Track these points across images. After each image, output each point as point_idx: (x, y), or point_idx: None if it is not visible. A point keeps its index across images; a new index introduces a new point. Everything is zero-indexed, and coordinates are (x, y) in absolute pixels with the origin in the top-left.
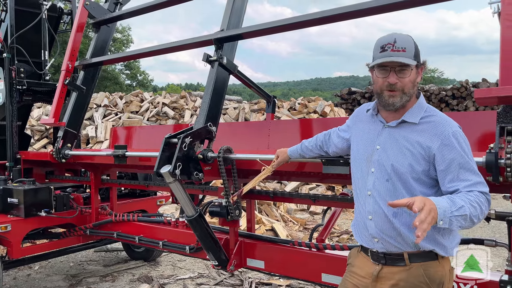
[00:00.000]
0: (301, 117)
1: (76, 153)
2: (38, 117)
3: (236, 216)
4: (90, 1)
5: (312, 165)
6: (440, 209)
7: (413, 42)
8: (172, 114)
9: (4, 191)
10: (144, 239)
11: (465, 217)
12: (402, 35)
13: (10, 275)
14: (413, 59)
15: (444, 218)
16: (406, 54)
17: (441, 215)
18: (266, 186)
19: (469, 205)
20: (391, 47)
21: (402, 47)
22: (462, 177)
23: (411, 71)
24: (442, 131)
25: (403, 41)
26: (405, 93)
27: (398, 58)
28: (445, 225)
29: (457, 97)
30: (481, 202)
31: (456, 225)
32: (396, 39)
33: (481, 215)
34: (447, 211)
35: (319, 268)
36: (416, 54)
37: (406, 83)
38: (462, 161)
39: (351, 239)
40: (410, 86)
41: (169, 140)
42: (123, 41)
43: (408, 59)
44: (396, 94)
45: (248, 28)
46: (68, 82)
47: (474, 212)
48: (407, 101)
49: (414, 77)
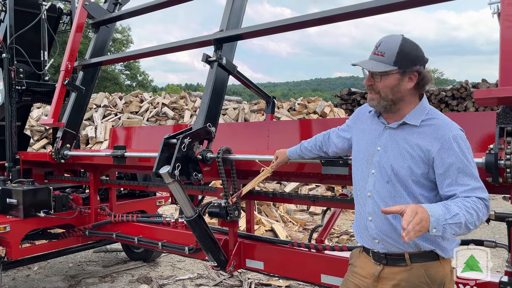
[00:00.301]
0: (300, 117)
1: (75, 154)
2: (38, 118)
3: (235, 216)
4: (90, 1)
5: (312, 165)
6: (433, 217)
7: (398, 47)
8: (172, 114)
9: (3, 191)
10: (143, 239)
11: (459, 224)
12: (391, 39)
13: (9, 275)
14: (392, 64)
15: (437, 226)
16: (383, 59)
17: (433, 223)
18: (266, 186)
19: (465, 211)
20: (374, 50)
21: (382, 51)
22: (460, 181)
23: (390, 75)
24: (443, 134)
25: (386, 45)
26: (383, 97)
27: (366, 64)
28: (438, 233)
29: (456, 98)
30: (478, 209)
31: (450, 233)
32: (381, 42)
33: (478, 221)
34: (441, 219)
35: (319, 269)
36: (400, 60)
37: (381, 87)
38: (461, 165)
39: (351, 240)
40: (387, 91)
41: (168, 140)
42: (123, 41)
43: (380, 65)
44: (374, 97)
45: (248, 28)
46: (67, 83)
47: (470, 219)
48: (389, 106)
49: (395, 83)
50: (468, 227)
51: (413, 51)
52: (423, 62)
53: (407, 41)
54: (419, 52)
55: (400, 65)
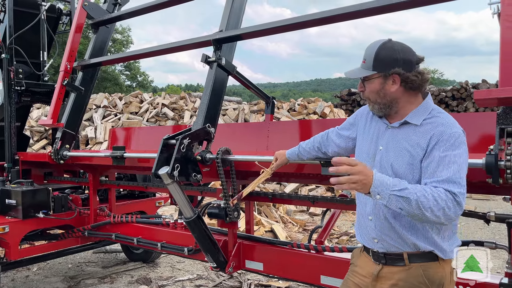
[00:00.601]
0: (300, 118)
1: (75, 154)
2: (38, 118)
3: (234, 217)
4: (89, 1)
5: (311, 166)
6: (377, 181)
7: (374, 53)
8: (172, 115)
9: (2, 192)
10: (142, 240)
11: (407, 200)
12: (373, 45)
13: (8, 276)
14: (371, 69)
15: (381, 192)
16: (364, 66)
17: (377, 188)
18: (266, 187)
19: (420, 193)
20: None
21: (364, 58)
22: (436, 173)
23: (373, 80)
24: (441, 131)
25: (367, 51)
26: (372, 101)
27: (350, 72)
28: (383, 201)
29: (457, 98)
30: (440, 198)
31: (395, 205)
32: (366, 49)
33: (438, 211)
34: (388, 187)
35: (318, 270)
36: (378, 64)
37: (367, 93)
38: (445, 159)
39: (351, 241)
40: (374, 96)
41: (167, 141)
42: (123, 42)
43: (361, 71)
44: (367, 103)
45: (247, 28)
46: (67, 83)
47: (425, 202)
48: (383, 109)
49: (378, 87)
50: (421, 209)
51: (391, 54)
52: (404, 63)
53: (387, 45)
54: (399, 54)
55: (378, 69)
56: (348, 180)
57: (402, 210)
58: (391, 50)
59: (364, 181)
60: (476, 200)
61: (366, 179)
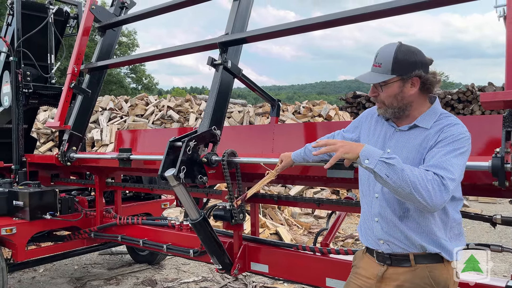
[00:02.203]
0: (305, 120)
1: (81, 156)
2: (44, 120)
3: (240, 219)
4: (96, 5)
5: (316, 169)
6: (367, 148)
7: (392, 55)
8: (177, 117)
9: (10, 193)
10: (148, 242)
11: (394, 168)
12: (387, 48)
13: (14, 277)
14: (389, 73)
15: (370, 157)
16: (380, 70)
17: (366, 153)
18: (271, 190)
19: (408, 169)
20: (373, 61)
21: (379, 62)
22: (431, 161)
23: (390, 84)
24: (448, 130)
25: (382, 55)
26: (388, 106)
27: (363, 77)
28: (371, 165)
29: (462, 101)
30: (427, 178)
31: (383, 171)
32: (378, 53)
33: (422, 188)
34: (378, 154)
35: (324, 272)
36: (397, 67)
37: (384, 97)
38: (444, 150)
39: (356, 244)
40: (391, 100)
41: (173, 143)
42: (129, 44)
43: (378, 75)
44: (381, 107)
45: (253, 32)
46: (74, 86)
47: (411, 176)
48: (397, 112)
49: (397, 91)
50: (407, 182)
51: (410, 57)
52: (422, 66)
53: (402, 48)
54: (417, 56)
55: (398, 72)
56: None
57: (388, 177)
58: (409, 52)
59: (349, 146)
60: (482, 203)
61: (351, 145)
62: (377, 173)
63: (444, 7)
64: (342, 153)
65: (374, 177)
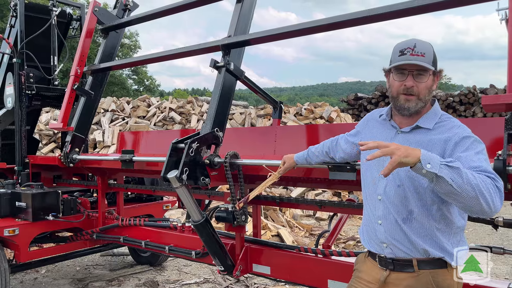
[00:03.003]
0: (307, 122)
1: (84, 158)
2: (46, 122)
3: (242, 221)
4: (99, 7)
5: (319, 171)
6: (426, 152)
7: (432, 49)
8: (179, 119)
9: (13, 195)
10: (150, 243)
11: (458, 172)
12: (422, 41)
13: (17, 278)
14: (431, 65)
15: (432, 162)
16: (425, 59)
17: (428, 158)
18: (272, 191)
19: (469, 171)
20: (410, 51)
21: (422, 52)
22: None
23: (428, 76)
24: (456, 132)
25: (422, 46)
26: (420, 98)
27: (417, 61)
28: (435, 170)
29: (464, 103)
30: (486, 182)
31: (447, 175)
32: (416, 44)
33: (486, 192)
34: (437, 158)
35: (325, 274)
36: (434, 61)
37: (422, 88)
38: (472, 156)
39: (358, 246)
40: (426, 92)
41: (176, 145)
42: (131, 46)
43: (427, 64)
44: (411, 99)
45: (255, 34)
46: (77, 87)
47: (474, 180)
48: (422, 107)
49: (431, 84)
50: (472, 186)
51: (435, 53)
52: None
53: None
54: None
55: (435, 66)
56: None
57: (453, 181)
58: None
59: (404, 149)
60: None
61: (407, 148)
62: (442, 177)
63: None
64: (401, 157)
65: (434, 184)
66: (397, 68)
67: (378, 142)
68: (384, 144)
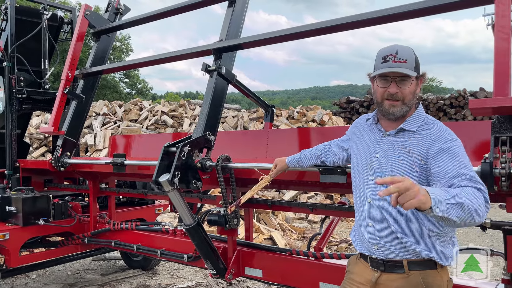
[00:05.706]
0: (299, 125)
1: (75, 162)
2: (37, 126)
3: (234, 225)
4: (91, 11)
5: (311, 174)
6: (433, 194)
7: (413, 54)
8: (171, 122)
9: (3, 199)
10: (142, 247)
11: (461, 206)
12: (404, 47)
13: (7, 283)
14: (413, 70)
15: (440, 204)
16: (407, 65)
17: (436, 202)
18: (265, 194)
19: (465, 197)
20: (392, 58)
21: (404, 58)
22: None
23: (411, 82)
24: (439, 136)
25: (404, 52)
26: (405, 103)
27: (399, 69)
28: (443, 213)
29: (455, 106)
30: (477, 197)
31: (454, 214)
32: (397, 50)
33: (480, 211)
34: (442, 198)
35: (317, 277)
36: (416, 65)
37: (407, 93)
38: (457, 161)
39: (349, 248)
40: (410, 97)
41: (168, 148)
42: (123, 49)
43: (409, 70)
44: (397, 104)
45: (247, 38)
46: (68, 91)
47: (471, 205)
48: (407, 111)
49: (414, 88)
50: (471, 213)
51: (417, 57)
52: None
53: None
54: None
55: (417, 71)
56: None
57: (457, 218)
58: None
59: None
60: None
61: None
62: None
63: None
64: (420, 203)
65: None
66: (381, 75)
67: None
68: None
